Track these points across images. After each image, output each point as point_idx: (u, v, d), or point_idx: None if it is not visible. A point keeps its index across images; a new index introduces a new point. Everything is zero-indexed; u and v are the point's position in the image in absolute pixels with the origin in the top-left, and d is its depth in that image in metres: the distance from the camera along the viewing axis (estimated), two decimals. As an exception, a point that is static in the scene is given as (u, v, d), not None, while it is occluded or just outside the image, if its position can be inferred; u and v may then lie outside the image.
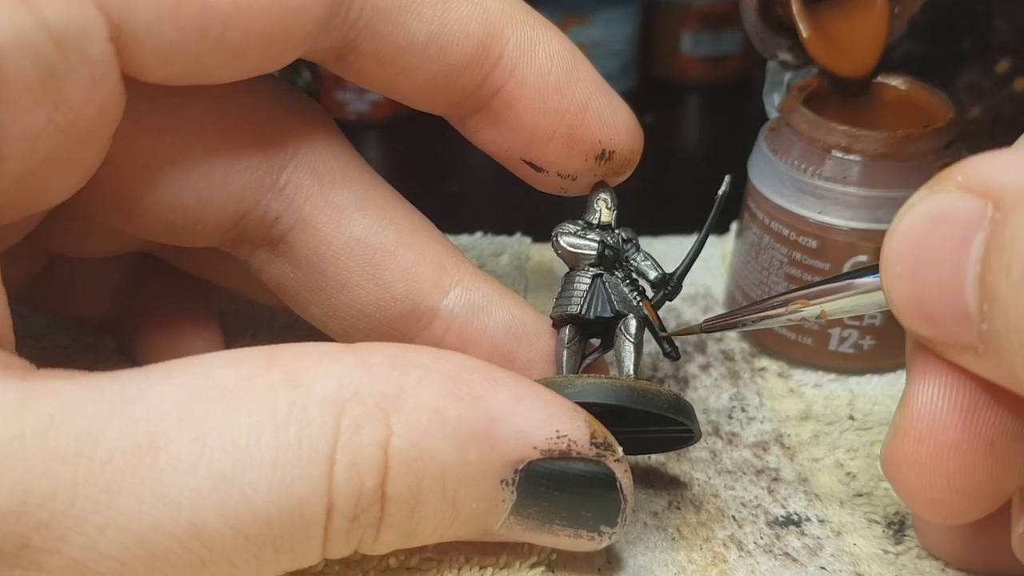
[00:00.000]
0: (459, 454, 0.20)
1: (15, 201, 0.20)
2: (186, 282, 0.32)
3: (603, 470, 0.22)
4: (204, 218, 0.24)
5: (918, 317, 0.19)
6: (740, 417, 0.32)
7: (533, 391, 0.21)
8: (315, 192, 0.25)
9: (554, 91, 0.24)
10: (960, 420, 0.20)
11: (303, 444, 0.18)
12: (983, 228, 0.17)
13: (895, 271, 0.19)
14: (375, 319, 0.26)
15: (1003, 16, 0.43)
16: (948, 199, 0.18)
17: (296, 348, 0.20)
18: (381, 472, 0.19)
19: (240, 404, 0.18)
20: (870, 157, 0.30)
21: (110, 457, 0.17)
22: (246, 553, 0.18)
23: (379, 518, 0.20)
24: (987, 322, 0.17)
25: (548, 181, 0.26)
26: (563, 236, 0.26)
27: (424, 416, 0.20)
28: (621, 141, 0.25)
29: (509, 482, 0.21)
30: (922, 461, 0.20)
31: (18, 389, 0.17)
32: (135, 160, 0.23)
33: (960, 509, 0.20)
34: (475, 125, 0.25)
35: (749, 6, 0.32)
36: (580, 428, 0.21)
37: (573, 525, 0.22)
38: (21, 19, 0.18)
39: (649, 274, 0.26)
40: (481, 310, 0.26)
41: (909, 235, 0.19)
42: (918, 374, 0.21)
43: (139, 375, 0.19)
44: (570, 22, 0.58)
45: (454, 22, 0.23)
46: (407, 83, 0.24)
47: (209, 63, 0.21)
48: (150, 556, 0.17)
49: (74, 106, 0.19)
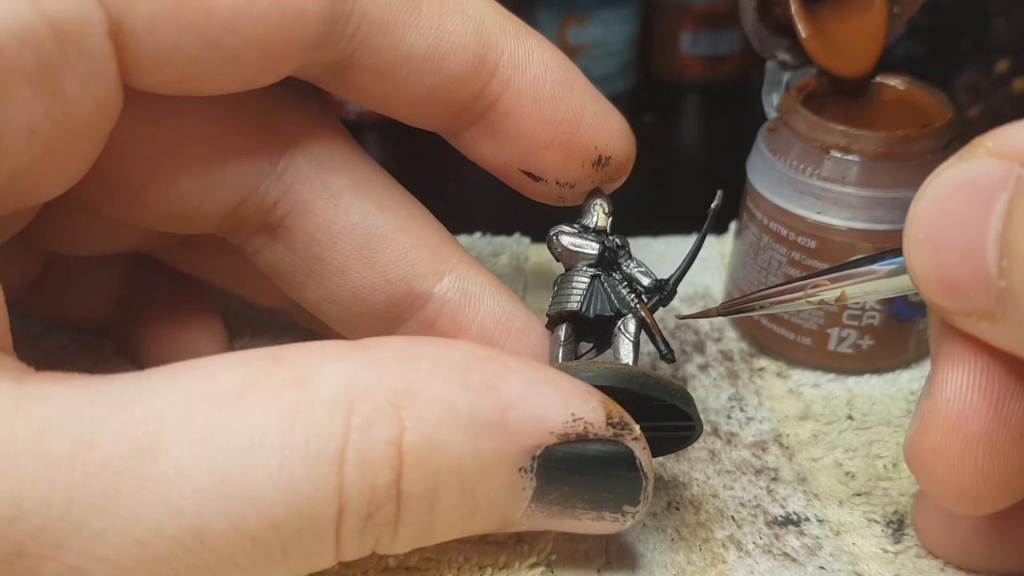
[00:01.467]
0: (475, 445, 0.20)
1: (9, 195, 0.20)
2: (185, 280, 0.32)
3: (622, 450, 0.21)
4: (203, 205, 0.25)
5: (939, 283, 0.19)
6: (739, 417, 0.32)
7: (545, 375, 0.21)
8: (313, 177, 0.25)
9: (550, 99, 0.24)
10: (990, 409, 0.20)
11: (310, 443, 0.18)
12: (1008, 189, 0.17)
13: (917, 237, 0.19)
14: (369, 302, 0.26)
15: (1002, 16, 0.43)
16: (975, 165, 0.18)
17: (301, 347, 0.20)
18: (395, 469, 0.19)
19: (244, 405, 0.18)
20: (869, 157, 0.30)
21: (107, 460, 0.17)
22: (252, 556, 0.18)
23: (395, 516, 0.19)
24: (1005, 278, 0.17)
25: (546, 191, 0.26)
26: (564, 236, 0.26)
27: (436, 409, 0.19)
28: (616, 147, 0.26)
29: (527, 469, 0.21)
30: (950, 451, 0.20)
31: (12, 392, 0.17)
32: (134, 148, 0.23)
33: (987, 500, 0.20)
34: (471, 138, 0.26)
35: (748, 6, 0.32)
36: (596, 409, 0.21)
37: (595, 508, 0.22)
38: (22, 9, 0.17)
39: (642, 280, 0.26)
40: (473, 298, 0.26)
41: (934, 200, 0.18)
42: (946, 362, 0.20)
43: (139, 378, 0.19)
44: (570, 22, 0.58)
45: (451, 35, 0.23)
46: (404, 97, 0.24)
47: (205, 69, 0.21)
48: (151, 560, 0.17)
49: (71, 100, 0.19)
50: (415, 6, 0.23)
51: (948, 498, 0.21)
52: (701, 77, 0.62)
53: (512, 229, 0.42)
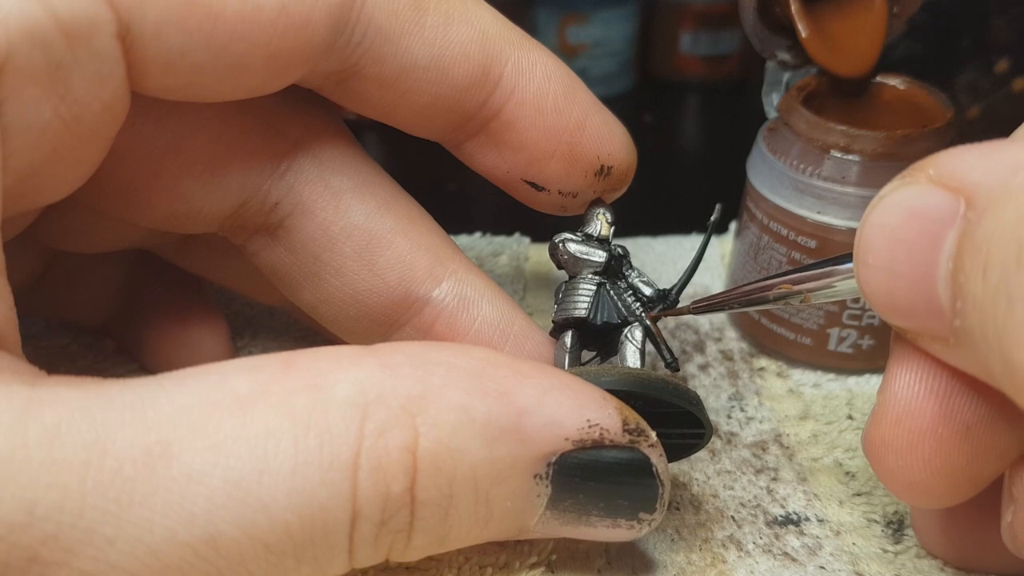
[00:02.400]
0: (489, 452, 0.19)
1: (16, 196, 0.20)
2: (187, 278, 0.32)
3: (638, 456, 0.21)
4: (206, 205, 0.25)
5: (890, 308, 0.19)
6: (739, 417, 0.32)
7: (560, 381, 0.21)
8: (315, 177, 0.25)
9: (553, 109, 0.25)
10: (935, 404, 0.20)
11: (324, 450, 0.18)
12: (956, 226, 0.17)
13: (867, 262, 0.19)
14: (367, 305, 0.26)
15: (1002, 15, 0.43)
16: (921, 192, 0.18)
17: (314, 353, 0.20)
18: (409, 475, 0.19)
19: (257, 410, 0.18)
20: (869, 157, 0.30)
21: (120, 467, 0.17)
22: (265, 563, 0.18)
23: (409, 523, 0.19)
24: (960, 319, 0.17)
25: (549, 200, 0.26)
26: (571, 243, 0.26)
27: (451, 415, 0.19)
28: (618, 156, 0.26)
29: (543, 476, 0.20)
30: (899, 443, 0.20)
31: (23, 397, 0.17)
32: (138, 148, 0.23)
33: (938, 492, 0.21)
34: (474, 149, 0.26)
35: (748, 6, 0.32)
36: (611, 415, 0.21)
37: (611, 515, 0.22)
38: (32, 9, 0.17)
39: (644, 291, 0.26)
40: (471, 303, 0.26)
41: (881, 227, 0.19)
42: (897, 359, 0.21)
43: (151, 383, 0.18)
44: (569, 22, 0.58)
45: (455, 44, 0.23)
46: (408, 107, 0.24)
47: (210, 76, 0.21)
48: (163, 567, 0.17)
49: (80, 102, 0.19)
50: (420, 16, 0.23)
51: (901, 490, 0.21)
52: (701, 77, 0.62)
53: (512, 229, 0.42)
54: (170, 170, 0.24)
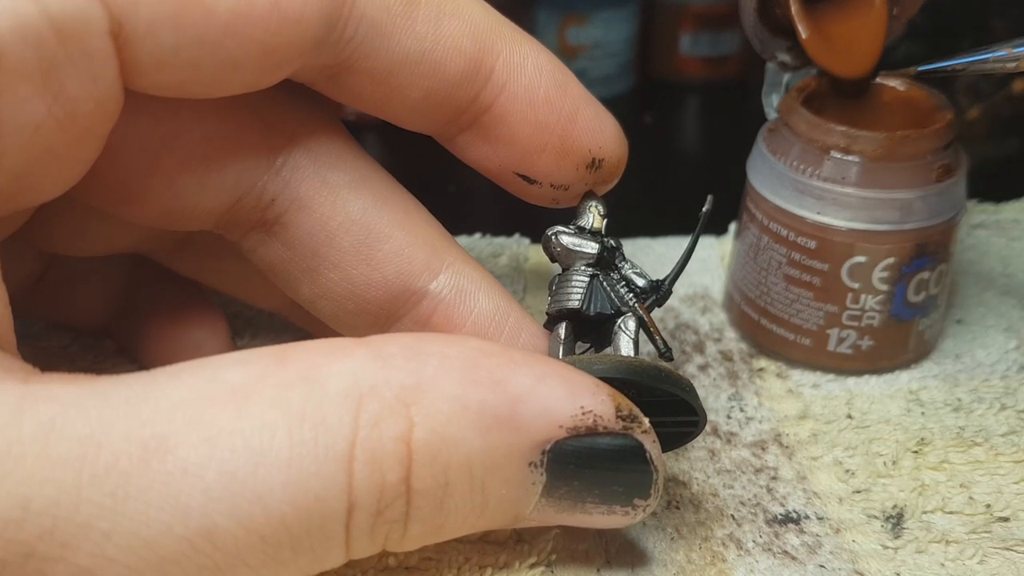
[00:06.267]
0: (484, 440, 0.20)
1: (8, 196, 0.20)
2: (184, 280, 0.32)
3: (632, 443, 0.21)
4: (201, 201, 0.24)
5: None
6: (739, 417, 0.32)
7: (553, 369, 0.21)
8: (311, 173, 0.25)
9: (544, 103, 0.25)
10: None
11: (319, 441, 0.18)
12: None
13: None
14: (365, 299, 0.26)
15: (1002, 16, 0.43)
16: None
17: (308, 345, 0.20)
18: (404, 465, 0.19)
19: (251, 403, 0.18)
20: (869, 158, 0.30)
21: (115, 461, 0.17)
22: (262, 555, 0.18)
23: (405, 513, 0.19)
24: None
25: (541, 193, 0.26)
26: (564, 236, 0.26)
27: (445, 405, 0.19)
28: (609, 149, 0.26)
29: (537, 464, 0.21)
30: None
31: (17, 393, 0.17)
32: (133, 145, 0.23)
33: None
34: (466, 142, 0.26)
35: (748, 7, 0.32)
36: (605, 402, 0.21)
37: (606, 501, 0.22)
38: (24, 7, 0.17)
39: (637, 282, 0.26)
40: (468, 295, 0.26)
41: None
42: None
43: (145, 378, 0.18)
44: (569, 23, 0.58)
45: (447, 38, 0.23)
46: (400, 101, 0.24)
47: (204, 72, 0.21)
48: (160, 561, 0.17)
49: (72, 99, 0.19)
50: (412, 10, 0.23)
51: None
52: (701, 77, 0.62)
53: (512, 230, 0.42)
54: (165, 167, 0.24)
